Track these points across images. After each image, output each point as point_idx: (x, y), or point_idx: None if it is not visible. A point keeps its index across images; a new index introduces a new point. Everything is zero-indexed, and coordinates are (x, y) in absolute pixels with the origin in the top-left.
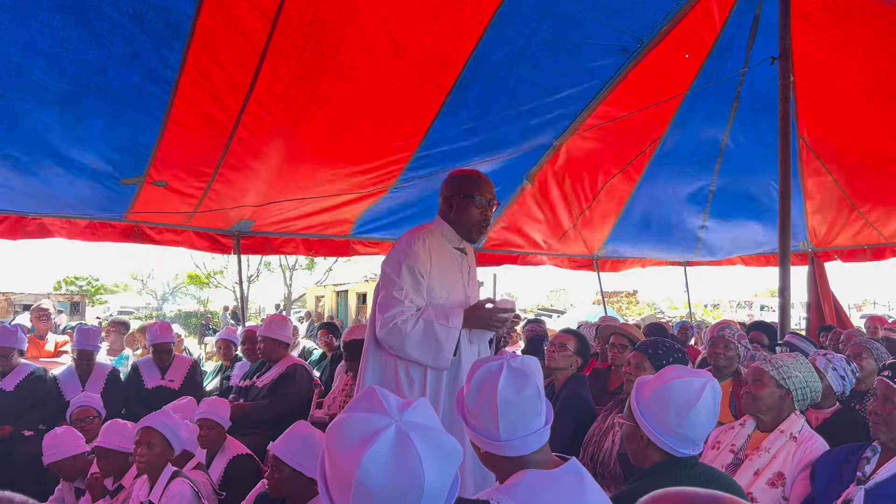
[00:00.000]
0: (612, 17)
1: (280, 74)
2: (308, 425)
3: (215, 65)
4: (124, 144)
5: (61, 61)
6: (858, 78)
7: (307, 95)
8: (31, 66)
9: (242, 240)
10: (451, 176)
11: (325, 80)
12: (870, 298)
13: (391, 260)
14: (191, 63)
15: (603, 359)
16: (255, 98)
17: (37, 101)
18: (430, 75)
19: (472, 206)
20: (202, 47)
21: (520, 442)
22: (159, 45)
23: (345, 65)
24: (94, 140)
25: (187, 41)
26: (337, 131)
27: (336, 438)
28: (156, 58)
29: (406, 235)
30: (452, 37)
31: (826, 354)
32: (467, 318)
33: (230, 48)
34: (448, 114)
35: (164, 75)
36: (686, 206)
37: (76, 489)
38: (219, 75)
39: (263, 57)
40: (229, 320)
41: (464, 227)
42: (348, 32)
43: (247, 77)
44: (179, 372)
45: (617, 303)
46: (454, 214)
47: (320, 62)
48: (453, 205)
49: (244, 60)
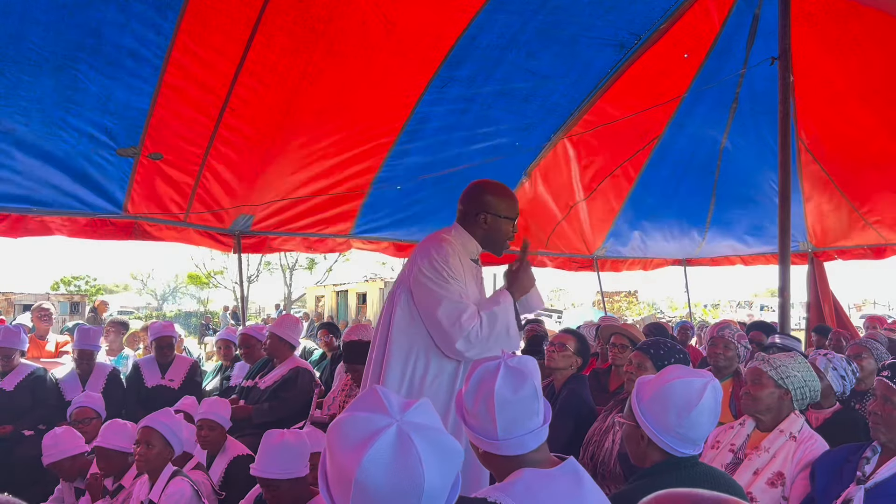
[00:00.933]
0: (608, 12)
1: (272, 46)
2: (275, 431)
3: (207, 33)
4: (119, 109)
5: (57, 26)
6: (858, 78)
7: (300, 69)
8: (28, 34)
9: (243, 239)
10: (487, 191)
11: (317, 54)
12: (870, 298)
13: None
14: (183, 31)
15: (603, 359)
16: (247, 68)
17: (34, 70)
18: (422, 50)
19: (508, 226)
20: (195, 16)
21: (517, 441)
22: (153, 14)
23: (336, 41)
24: (90, 104)
25: (181, 10)
26: (329, 105)
27: (337, 437)
28: (149, 24)
29: (436, 245)
30: (445, 14)
31: (826, 354)
32: (512, 290)
33: (222, 17)
34: (437, 89)
35: (156, 41)
36: (686, 206)
37: (76, 489)
38: (211, 43)
39: (255, 28)
40: (229, 320)
41: (493, 243)
42: (340, 9)
43: (239, 47)
44: (179, 371)
45: (617, 303)
46: (486, 230)
47: (311, 38)
48: (488, 221)
49: (236, 30)
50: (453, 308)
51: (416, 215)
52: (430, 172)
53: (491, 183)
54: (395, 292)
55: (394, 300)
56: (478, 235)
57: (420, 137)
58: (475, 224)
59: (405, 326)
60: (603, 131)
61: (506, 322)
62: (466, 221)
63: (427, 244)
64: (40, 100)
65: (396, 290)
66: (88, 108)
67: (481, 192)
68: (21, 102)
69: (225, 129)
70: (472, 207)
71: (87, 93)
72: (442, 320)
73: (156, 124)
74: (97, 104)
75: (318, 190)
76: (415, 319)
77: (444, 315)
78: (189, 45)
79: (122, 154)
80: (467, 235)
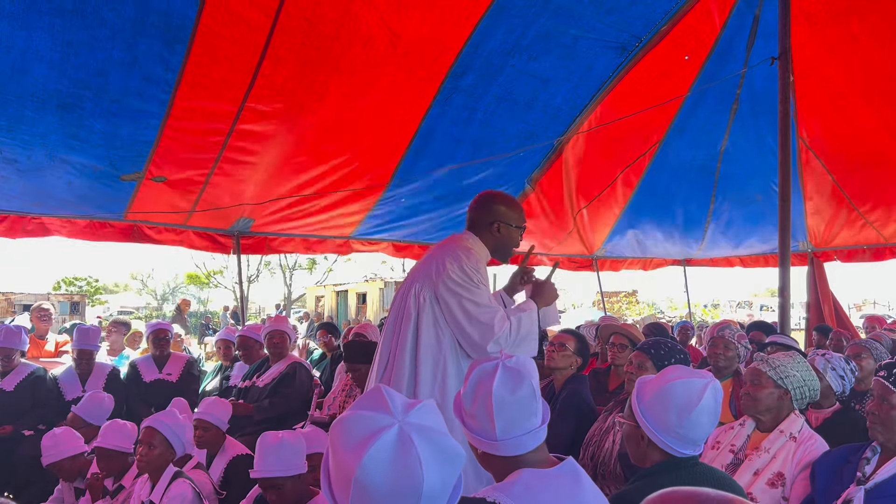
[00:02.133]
0: (609, 14)
1: (279, 70)
2: (271, 433)
3: (216, 63)
4: (124, 144)
5: (62, 66)
6: (858, 78)
7: (306, 88)
8: (31, 70)
9: (242, 240)
10: (500, 201)
11: (324, 73)
12: (870, 298)
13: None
14: (192, 63)
15: (603, 359)
16: (255, 93)
17: (38, 105)
18: (427, 62)
19: (518, 235)
20: (203, 48)
21: (515, 441)
22: (161, 49)
23: (342, 58)
24: (95, 141)
25: (189, 43)
26: (335, 123)
27: (339, 435)
28: (157, 61)
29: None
30: (448, 25)
31: (825, 354)
32: (536, 300)
33: (231, 46)
34: (442, 100)
35: (164, 77)
36: (687, 205)
37: (76, 489)
38: (219, 73)
39: (264, 53)
40: (229, 320)
41: (502, 251)
42: (346, 25)
43: (247, 74)
44: (177, 366)
45: (617, 303)
46: (499, 239)
47: (318, 56)
48: (500, 230)
49: (245, 57)
50: (486, 312)
51: (415, 217)
52: (435, 184)
53: (501, 193)
54: (412, 295)
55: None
56: (489, 243)
57: (425, 154)
58: (488, 233)
59: (434, 330)
60: (605, 137)
61: (530, 328)
62: (478, 229)
63: (454, 249)
64: (44, 135)
65: (418, 294)
66: (93, 145)
67: (494, 202)
68: (24, 136)
69: (231, 151)
70: (485, 217)
71: (91, 130)
72: (476, 323)
73: (161, 153)
74: (102, 140)
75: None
76: (441, 323)
77: (477, 318)
78: (197, 77)
79: (125, 180)
80: (479, 242)
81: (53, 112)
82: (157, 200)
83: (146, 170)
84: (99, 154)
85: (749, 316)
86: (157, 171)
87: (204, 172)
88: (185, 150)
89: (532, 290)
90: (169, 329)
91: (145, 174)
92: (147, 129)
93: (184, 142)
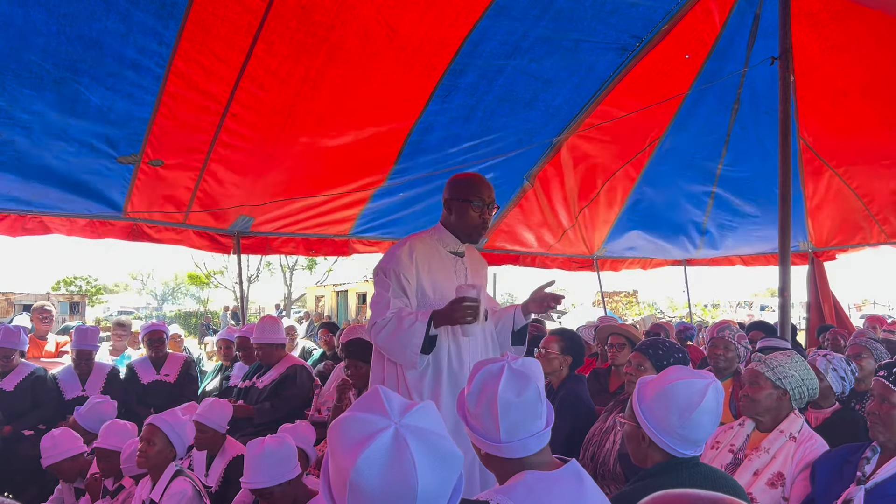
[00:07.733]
0: (610, 15)
1: (273, 53)
2: (256, 441)
3: (209, 41)
4: (120, 119)
5: (58, 38)
6: (859, 77)
7: (301, 76)
8: (30, 46)
9: (242, 240)
10: (451, 180)
11: (319, 61)
12: (870, 298)
13: (378, 266)
14: (185, 39)
15: (603, 359)
16: (249, 74)
17: (35, 81)
18: (424, 58)
19: (469, 209)
20: (197, 25)
21: (520, 444)
22: (154, 23)
23: (338, 48)
24: (92, 115)
25: (182, 19)
26: (331, 113)
27: (337, 437)
28: (150, 34)
29: (395, 243)
30: (447, 22)
31: (826, 355)
32: (437, 315)
33: (224, 25)
34: (440, 98)
35: (158, 50)
36: (687, 205)
37: (76, 489)
38: (213, 51)
39: (257, 35)
40: (229, 320)
41: (463, 230)
42: (342, 16)
43: (240, 54)
44: (174, 366)
45: (617, 303)
46: (454, 218)
47: (313, 44)
48: (452, 208)
49: (238, 37)
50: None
51: (415, 214)
52: (433, 179)
53: (459, 174)
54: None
55: None
56: (448, 225)
57: (423, 149)
58: (447, 215)
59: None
60: (605, 135)
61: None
62: (443, 216)
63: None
64: (42, 113)
65: None
66: (90, 120)
67: (450, 182)
68: (22, 115)
69: (226, 134)
70: (444, 198)
71: (88, 105)
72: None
73: (157, 132)
74: (98, 115)
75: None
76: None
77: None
78: (191, 53)
79: (122, 162)
80: (444, 230)
81: (51, 88)
82: (155, 188)
83: (143, 152)
84: (96, 131)
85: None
86: (153, 153)
87: (200, 158)
88: (180, 131)
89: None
90: (164, 330)
91: (142, 157)
92: (143, 105)
93: (179, 121)
